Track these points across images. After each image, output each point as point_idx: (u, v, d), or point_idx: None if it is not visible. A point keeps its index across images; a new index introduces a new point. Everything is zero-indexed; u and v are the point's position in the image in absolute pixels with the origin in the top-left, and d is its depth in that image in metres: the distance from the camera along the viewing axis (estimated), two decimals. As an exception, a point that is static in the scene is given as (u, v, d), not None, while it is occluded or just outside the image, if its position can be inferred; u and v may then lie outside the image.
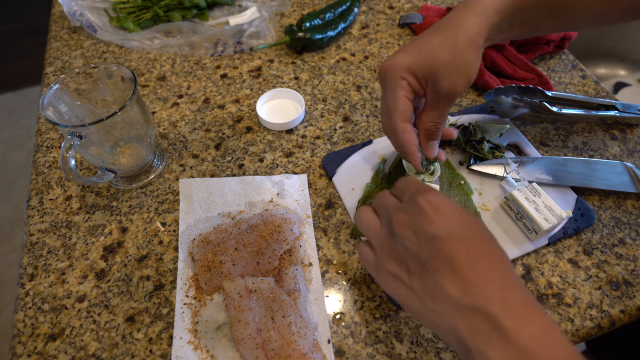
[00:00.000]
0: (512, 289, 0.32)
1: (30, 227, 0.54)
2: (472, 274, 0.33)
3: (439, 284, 0.33)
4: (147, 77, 0.72)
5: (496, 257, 0.34)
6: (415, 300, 0.35)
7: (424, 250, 0.34)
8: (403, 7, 0.84)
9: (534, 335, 0.30)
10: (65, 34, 0.79)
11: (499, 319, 0.30)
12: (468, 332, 0.31)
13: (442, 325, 0.33)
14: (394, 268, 0.37)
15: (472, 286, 0.32)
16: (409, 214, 0.36)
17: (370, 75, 0.71)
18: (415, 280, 0.35)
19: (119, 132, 0.51)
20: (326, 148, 0.61)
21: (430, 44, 0.44)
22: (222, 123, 0.65)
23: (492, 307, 0.31)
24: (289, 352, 0.42)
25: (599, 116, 0.61)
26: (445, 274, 0.33)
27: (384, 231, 0.38)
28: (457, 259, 0.33)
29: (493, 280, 0.33)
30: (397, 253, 0.36)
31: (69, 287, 0.49)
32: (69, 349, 0.45)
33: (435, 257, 0.34)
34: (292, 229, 0.51)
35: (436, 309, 0.33)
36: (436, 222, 0.35)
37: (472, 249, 0.34)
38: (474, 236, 0.35)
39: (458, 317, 0.32)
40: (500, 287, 0.32)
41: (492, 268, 0.33)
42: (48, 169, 0.60)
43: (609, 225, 0.53)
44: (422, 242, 0.34)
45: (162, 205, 0.56)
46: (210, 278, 0.47)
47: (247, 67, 0.73)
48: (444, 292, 0.33)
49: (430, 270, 0.34)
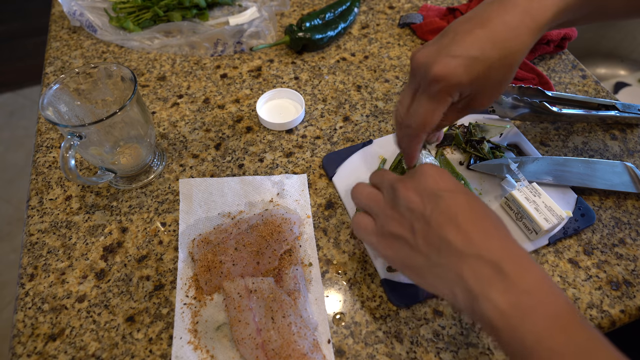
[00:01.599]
0: (512, 243, 0.35)
1: (30, 227, 0.54)
2: (475, 229, 0.35)
3: (444, 238, 0.35)
4: (147, 77, 0.72)
5: (495, 218, 0.37)
6: (419, 258, 0.36)
7: (428, 208, 0.36)
8: (403, 7, 0.84)
9: (534, 281, 0.32)
10: (65, 34, 0.79)
11: (502, 265, 0.32)
12: (473, 278, 0.33)
13: (447, 277, 0.35)
14: (398, 229, 0.38)
15: (475, 238, 0.34)
16: (412, 179, 0.39)
17: (370, 75, 0.71)
18: (419, 238, 0.36)
19: (119, 132, 0.51)
20: (326, 148, 0.61)
21: (488, 60, 0.39)
22: (222, 123, 0.65)
23: (495, 255, 0.33)
24: (289, 352, 0.42)
25: (599, 116, 0.61)
26: (449, 228, 0.35)
27: (387, 198, 0.40)
28: (460, 215, 0.35)
29: (494, 235, 0.35)
30: (400, 215, 0.38)
31: (69, 287, 0.49)
32: (69, 349, 0.45)
33: (439, 214, 0.36)
34: (292, 229, 0.51)
35: (441, 262, 0.35)
36: (439, 182, 0.37)
37: (473, 207, 0.36)
38: (473, 198, 0.37)
39: (463, 265, 0.34)
40: (501, 240, 0.35)
41: (493, 225, 0.36)
42: (48, 169, 0.60)
43: (609, 225, 0.53)
44: (426, 200, 0.37)
45: (162, 205, 0.56)
46: (210, 278, 0.47)
47: (247, 67, 0.73)
48: (449, 244, 0.34)
49: (435, 226, 0.35)
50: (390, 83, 0.70)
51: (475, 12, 0.41)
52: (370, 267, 0.50)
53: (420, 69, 0.40)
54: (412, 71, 0.42)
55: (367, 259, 0.50)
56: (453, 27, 0.41)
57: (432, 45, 0.40)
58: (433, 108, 0.40)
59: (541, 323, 0.30)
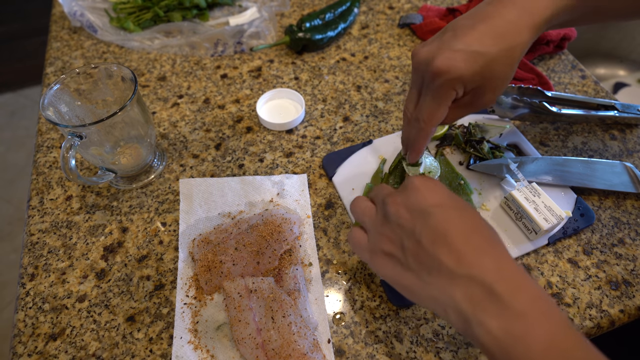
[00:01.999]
0: (505, 260, 0.34)
1: (31, 227, 0.54)
2: (466, 246, 0.33)
3: (434, 257, 0.34)
4: (147, 77, 0.72)
5: (486, 231, 0.35)
6: (411, 277, 0.36)
7: (418, 226, 0.35)
8: (403, 7, 0.84)
9: (528, 301, 0.31)
10: (65, 34, 0.80)
11: (494, 286, 0.31)
12: (465, 301, 0.32)
13: (440, 298, 0.34)
14: (388, 247, 0.37)
15: (466, 257, 0.33)
16: (402, 194, 0.38)
17: (370, 76, 0.71)
18: (410, 256, 0.35)
19: (119, 132, 0.51)
20: (326, 148, 0.61)
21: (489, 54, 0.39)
22: (222, 123, 0.65)
23: (487, 275, 0.32)
24: (289, 352, 0.42)
25: (599, 116, 0.61)
26: (439, 246, 0.34)
27: (379, 214, 0.39)
28: (450, 232, 0.34)
29: (486, 252, 0.34)
30: (391, 232, 0.37)
31: (70, 287, 0.49)
32: (70, 349, 0.45)
33: (429, 231, 0.35)
34: (292, 229, 0.51)
35: (433, 282, 0.34)
36: (428, 198, 0.36)
37: (464, 222, 0.35)
38: (465, 212, 0.36)
39: (455, 287, 0.33)
40: (493, 258, 0.33)
41: (484, 240, 0.34)
42: (48, 169, 0.60)
43: (609, 225, 0.53)
44: (416, 217, 0.36)
45: (162, 205, 0.56)
46: (210, 278, 0.48)
47: (247, 67, 0.73)
48: (440, 264, 0.33)
49: (425, 244, 0.34)
50: (390, 83, 0.70)
51: (475, 10, 0.42)
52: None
53: (422, 64, 0.41)
54: (414, 68, 0.42)
55: (367, 258, 0.51)
56: (453, 24, 0.42)
57: (434, 42, 0.41)
58: (438, 103, 0.41)
59: (536, 347, 0.29)
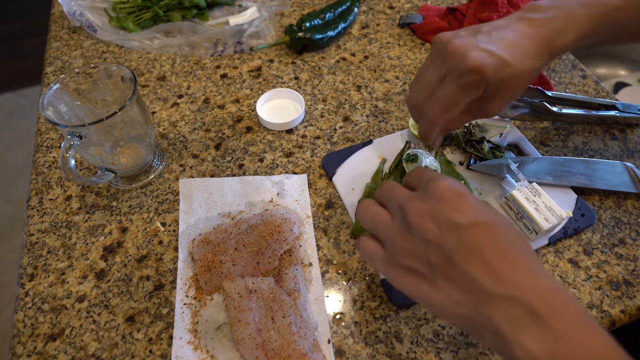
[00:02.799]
0: (542, 275, 0.32)
1: (30, 227, 0.54)
2: (502, 263, 0.31)
3: (468, 276, 0.31)
4: (147, 77, 0.72)
5: (520, 244, 0.33)
6: (439, 295, 0.33)
7: (448, 241, 0.32)
8: (403, 7, 0.84)
9: (571, 321, 0.29)
10: (65, 34, 0.79)
11: (535, 307, 0.29)
12: (504, 322, 0.30)
13: (474, 318, 0.32)
14: (411, 262, 0.34)
15: (503, 275, 0.31)
16: (426, 202, 0.34)
17: (370, 75, 0.71)
18: (438, 274, 0.33)
19: (119, 132, 0.51)
20: (326, 148, 0.61)
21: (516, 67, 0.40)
22: (222, 123, 0.65)
23: (527, 295, 0.30)
24: (289, 352, 0.42)
25: (599, 116, 0.61)
26: (474, 264, 0.31)
27: (396, 223, 0.35)
28: (485, 248, 0.32)
29: (523, 268, 0.31)
30: (414, 245, 0.34)
31: (69, 287, 0.49)
32: (69, 349, 0.45)
33: (461, 247, 0.32)
34: (292, 229, 0.51)
35: (465, 301, 0.32)
36: (460, 210, 0.33)
37: (498, 236, 0.32)
38: (497, 223, 0.33)
39: (491, 307, 0.30)
40: (531, 274, 0.31)
41: (520, 255, 0.32)
42: (48, 169, 0.60)
43: (609, 225, 0.53)
44: (446, 232, 0.32)
45: (162, 205, 0.56)
46: (210, 278, 0.47)
47: (247, 67, 0.73)
48: (475, 283, 0.31)
49: (457, 262, 0.32)
50: (390, 83, 0.70)
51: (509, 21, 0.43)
52: (370, 267, 0.50)
53: (456, 55, 0.39)
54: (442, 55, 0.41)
55: (367, 259, 0.50)
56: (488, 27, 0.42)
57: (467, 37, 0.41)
58: (459, 98, 0.40)
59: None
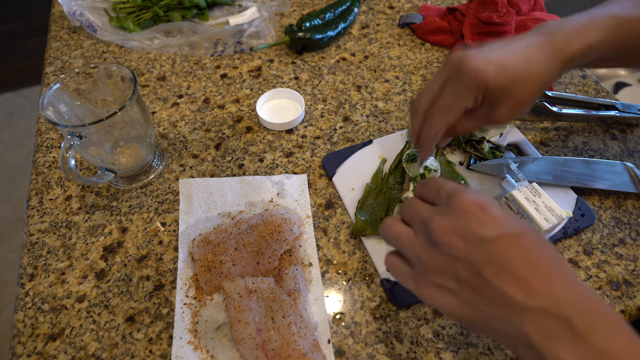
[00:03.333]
0: (575, 285, 0.31)
1: (30, 227, 0.54)
2: (534, 275, 0.31)
3: (498, 290, 0.31)
4: (147, 77, 0.72)
5: (550, 252, 0.32)
6: (470, 310, 0.32)
7: (476, 256, 0.32)
8: (403, 7, 0.84)
9: (608, 333, 0.29)
10: (65, 33, 0.79)
11: (571, 319, 0.29)
12: (539, 335, 0.29)
13: (507, 331, 0.31)
14: (440, 279, 0.34)
15: (536, 287, 0.30)
16: (450, 217, 0.34)
17: (370, 75, 0.71)
18: (468, 289, 0.32)
19: (119, 132, 0.51)
20: (326, 148, 0.61)
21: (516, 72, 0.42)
22: (222, 123, 0.65)
23: (561, 307, 0.29)
24: (289, 352, 0.42)
25: (599, 116, 0.61)
26: (504, 278, 0.31)
27: (421, 240, 0.35)
28: (514, 260, 0.31)
29: (555, 278, 0.31)
30: (442, 262, 0.33)
31: (69, 287, 0.49)
32: (69, 349, 0.45)
33: (490, 262, 0.31)
34: (292, 229, 0.51)
35: (498, 315, 0.31)
36: (485, 223, 0.32)
37: (527, 247, 0.32)
38: (524, 233, 0.32)
39: (525, 321, 0.30)
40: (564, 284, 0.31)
41: (550, 264, 0.31)
42: (48, 169, 0.60)
43: (609, 225, 0.53)
44: (472, 247, 0.32)
45: (162, 205, 0.56)
46: (210, 278, 0.47)
47: (247, 67, 0.73)
48: (506, 297, 0.30)
49: (487, 276, 0.31)
50: (390, 83, 0.70)
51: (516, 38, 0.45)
52: (370, 267, 0.50)
53: (456, 61, 0.42)
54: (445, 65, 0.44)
55: (367, 259, 0.50)
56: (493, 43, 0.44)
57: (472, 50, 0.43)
58: (457, 100, 0.42)
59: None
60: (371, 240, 0.51)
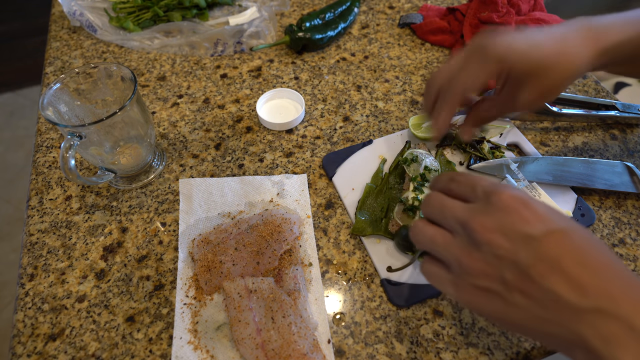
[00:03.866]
0: (628, 278, 0.29)
1: (30, 227, 0.54)
2: (586, 272, 0.29)
3: (549, 291, 0.29)
4: (147, 77, 0.72)
5: (602, 249, 0.30)
6: (518, 314, 0.31)
7: (522, 255, 0.30)
8: (403, 7, 0.84)
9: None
10: (65, 33, 0.79)
11: (633, 320, 0.27)
12: (597, 338, 0.27)
13: (561, 335, 0.29)
14: (483, 281, 0.32)
15: (589, 286, 0.28)
16: (491, 215, 0.32)
17: (370, 75, 0.71)
18: (515, 291, 0.30)
19: (119, 132, 0.51)
20: (326, 148, 0.61)
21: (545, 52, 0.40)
22: (222, 123, 0.65)
23: (622, 307, 0.27)
24: (289, 352, 0.42)
25: (599, 116, 0.61)
26: (554, 277, 0.29)
27: (459, 241, 0.33)
28: (564, 258, 0.29)
29: (610, 276, 0.29)
30: (485, 264, 0.31)
31: (69, 287, 0.49)
32: (69, 349, 0.45)
33: (538, 261, 0.30)
34: (292, 229, 0.51)
35: (549, 317, 0.29)
36: (530, 220, 0.31)
37: (576, 244, 0.30)
38: (572, 229, 0.31)
39: (581, 323, 0.28)
40: (621, 282, 0.28)
41: (604, 261, 0.30)
42: (48, 169, 0.60)
43: (609, 225, 0.53)
44: (518, 245, 0.30)
45: (162, 205, 0.56)
46: (210, 278, 0.47)
47: (247, 67, 0.73)
48: (558, 298, 0.29)
49: (535, 277, 0.29)
50: (390, 83, 0.70)
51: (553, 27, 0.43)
52: (370, 267, 0.50)
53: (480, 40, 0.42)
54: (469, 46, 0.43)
55: (367, 259, 0.50)
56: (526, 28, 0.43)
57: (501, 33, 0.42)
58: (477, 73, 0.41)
59: None
60: (371, 240, 0.51)
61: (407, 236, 0.48)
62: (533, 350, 0.44)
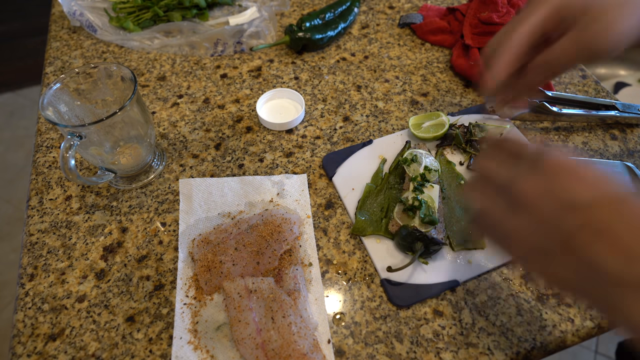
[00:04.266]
0: None
1: (30, 227, 0.54)
2: (635, 241, 0.27)
3: (592, 260, 0.28)
4: (147, 77, 0.72)
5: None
6: (564, 273, 0.30)
7: (568, 222, 0.29)
8: (403, 7, 0.84)
9: None
10: (65, 33, 0.79)
11: None
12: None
13: (605, 304, 0.28)
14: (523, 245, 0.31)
15: (638, 256, 0.27)
16: (539, 177, 0.31)
17: (370, 75, 0.71)
18: (560, 256, 0.29)
19: (119, 132, 0.51)
20: (326, 148, 0.61)
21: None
22: (222, 123, 0.65)
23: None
24: (289, 352, 0.42)
25: (599, 116, 0.61)
26: (599, 246, 0.27)
27: (500, 204, 0.32)
28: (612, 227, 0.28)
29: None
30: (527, 227, 0.31)
31: (69, 287, 0.49)
32: (69, 349, 0.45)
33: (583, 228, 0.28)
34: (292, 229, 0.51)
35: (592, 288, 0.28)
36: (579, 186, 0.29)
37: (626, 211, 0.28)
38: (625, 197, 0.29)
39: (625, 295, 0.27)
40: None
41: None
42: (48, 169, 0.60)
43: (609, 225, 0.53)
44: (566, 211, 0.29)
45: (162, 205, 0.56)
46: (210, 278, 0.47)
47: (247, 67, 0.73)
48: (601, 267, 0.27)
49: (580, 245, 0.28)
50: (390, 83, 0.70)
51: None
52: (370, 267, 0.50)
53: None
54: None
55: (367, 259, 0.50)
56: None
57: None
58: (532, 18, 0.40)
59: None
60: (371, 240, 0.51)
61: (407, 236, 0.48)
62: (533, 351, 0.44)
